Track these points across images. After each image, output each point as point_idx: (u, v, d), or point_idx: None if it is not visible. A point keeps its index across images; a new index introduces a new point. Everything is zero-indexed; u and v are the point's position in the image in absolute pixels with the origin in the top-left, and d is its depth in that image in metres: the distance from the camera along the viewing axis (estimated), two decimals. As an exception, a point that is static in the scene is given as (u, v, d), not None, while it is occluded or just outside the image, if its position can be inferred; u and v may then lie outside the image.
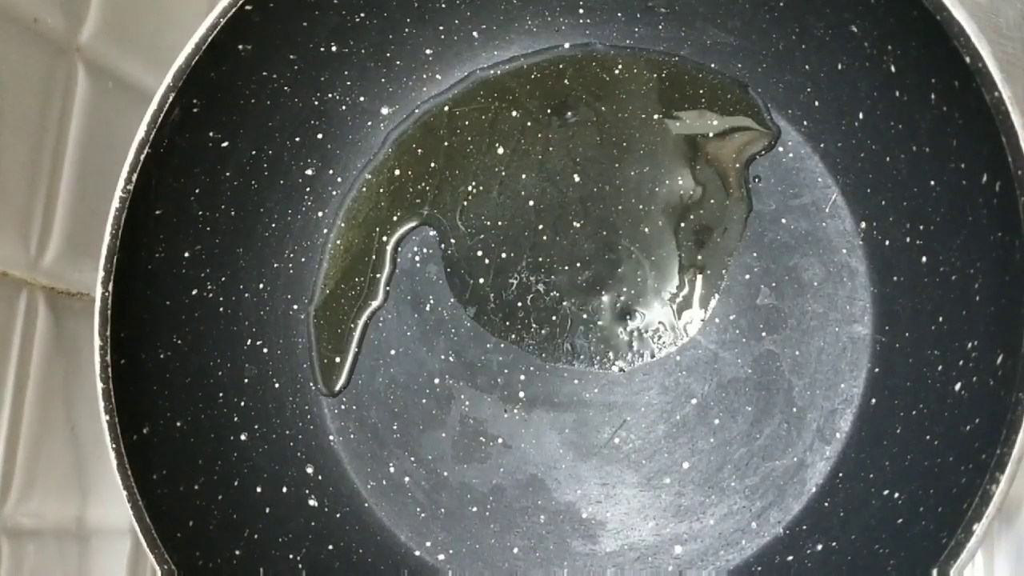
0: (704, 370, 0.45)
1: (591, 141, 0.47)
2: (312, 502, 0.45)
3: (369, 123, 0.47)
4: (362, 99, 0.47)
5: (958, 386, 0.36)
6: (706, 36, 0.45)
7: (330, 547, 0.45)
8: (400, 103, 0.48)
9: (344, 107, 0.46)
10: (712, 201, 0.45)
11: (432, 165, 0.48)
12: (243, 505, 0.43)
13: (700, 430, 0.44)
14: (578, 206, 0.46)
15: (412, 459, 0.46)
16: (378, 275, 0.48)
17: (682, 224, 0.46)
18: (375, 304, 0.47)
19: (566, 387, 0.46)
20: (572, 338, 0.46)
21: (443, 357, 0.47)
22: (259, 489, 0.44)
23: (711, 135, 0.46)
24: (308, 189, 0.47)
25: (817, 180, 0.44)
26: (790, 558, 0.42)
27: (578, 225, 0.46)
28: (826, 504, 0.42)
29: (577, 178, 0.47)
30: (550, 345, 0.46)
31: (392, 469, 0.46)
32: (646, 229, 0.46)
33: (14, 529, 0.41)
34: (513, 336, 0.46)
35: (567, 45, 0.47)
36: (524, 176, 0.47)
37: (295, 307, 0.47)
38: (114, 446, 0.37)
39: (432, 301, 0.47)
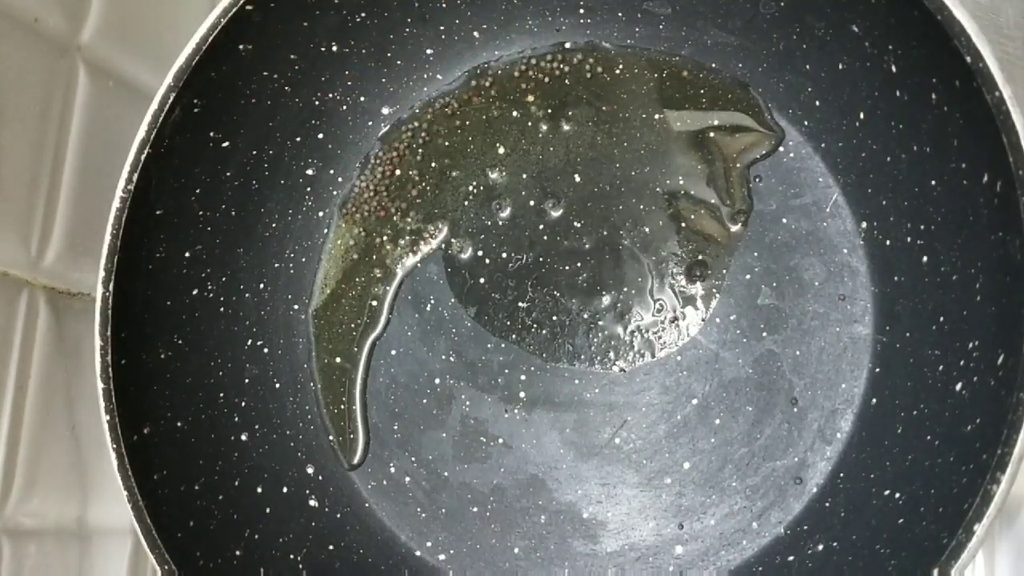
0: (705, 370, 0.45)
1: (591, 141, 0.47)
2: (312, 502, 0.45)
3: (369, 123, 0.47)
4: (362, 99, 0.47)
5: (959, 386, 0.36)
6: (707, 36, 0.45)
7: (330, 547, 0.44)
8: (400, 103, 0.48)
9: (344, 107, 0.46)
10: (713, 201, 0.45)
11: (432, 165, 0.48)
12: (243, 505, 0.43)
13: (701, 430, 0.44)
14: (578, 206, 0.46)
15: (413, 459, 0.46)
16: (379, 275, 0.47)
17: (683, 224, 0.46)
18: (378, 330, 0.47)
19: (567, 387, 0.46)
20: (573, 338, 0.46)
21: (444, 357, 0.47)
22: (259, 489, 0.44)
23: (712, 135, 0.46)
24: (308, 189, 0.47)
25: (818, 180, 0.44)
26: (791, 558, 0.42)
27: (578, 225, 0.46)
28: (827, 504, 0.42)
29: (577, 178, 0.47)
30: (551, 345, 0.46)
31: (393, 469, 0.46)
32: (646, 229, 0.46)
33: (15, 529, 0.41)
34: (514, 336, 0.46)
35: (567, 45, 0.47)
36: (524, 176, 0.47)
37: (295, 307, 0.47)
38: (114, 446, 0.38)
39: (433, 301, 0.47)
